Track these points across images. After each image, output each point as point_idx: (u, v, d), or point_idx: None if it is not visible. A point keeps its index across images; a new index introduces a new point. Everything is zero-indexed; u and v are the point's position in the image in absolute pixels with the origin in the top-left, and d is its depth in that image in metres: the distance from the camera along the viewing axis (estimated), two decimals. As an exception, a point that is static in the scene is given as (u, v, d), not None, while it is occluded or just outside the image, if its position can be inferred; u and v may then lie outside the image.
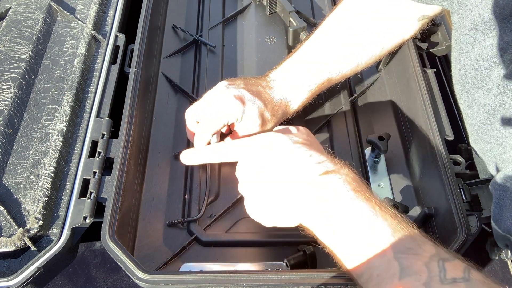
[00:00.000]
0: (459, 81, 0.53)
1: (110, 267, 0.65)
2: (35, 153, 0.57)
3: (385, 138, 0.61)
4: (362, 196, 0.45)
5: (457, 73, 0.53)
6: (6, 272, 0.50)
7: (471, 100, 0.51)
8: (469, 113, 0.52)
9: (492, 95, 0.46)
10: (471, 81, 0.50)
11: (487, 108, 0.47)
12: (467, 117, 0.53)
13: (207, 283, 0.46)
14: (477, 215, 0.52)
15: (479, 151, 0.54)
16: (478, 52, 0.48)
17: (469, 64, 0.50)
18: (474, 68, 0.49)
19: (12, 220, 0.51)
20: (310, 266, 0.54)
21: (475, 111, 0.50)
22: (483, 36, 0.47)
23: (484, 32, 0.47)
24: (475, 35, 0.48)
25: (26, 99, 0.62)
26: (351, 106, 0.72)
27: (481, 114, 0.49)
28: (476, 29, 0.48)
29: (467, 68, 0.50)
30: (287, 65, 0.64)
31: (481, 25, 0.47)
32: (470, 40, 0.49)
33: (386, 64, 0.75)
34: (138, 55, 0.65)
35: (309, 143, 0.50)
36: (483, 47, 0.47)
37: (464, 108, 0.53)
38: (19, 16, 0.71)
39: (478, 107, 0.49)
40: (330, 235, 0.46)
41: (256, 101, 0.58)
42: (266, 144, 0.51)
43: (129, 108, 0.59)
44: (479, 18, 0.47)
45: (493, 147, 0.47)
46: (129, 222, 0.56)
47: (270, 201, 0.48)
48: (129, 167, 0.56)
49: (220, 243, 0.57)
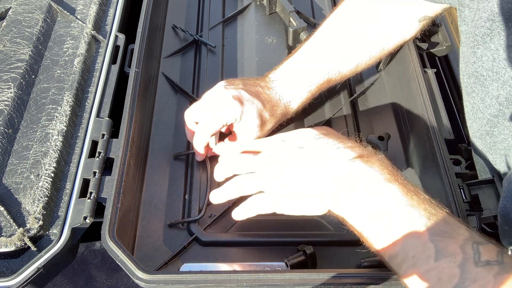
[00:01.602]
0: (473, 74, 0.52)
1: (110, 267, 0.65)
2: (35, 153, 0.57)
3: (385, 138, 0.61)
4: (395, 180, 0.45)
5: (470, 67, 0.53)
6: (6, 272, 0.50)
7: (485, 93, 0.50)
8: (481, 107, 0.51)
9: (508, 86, 0.46)
10: (486, 73, 0.50)
11: (500, 100, 0.47)
12: (478, 111, 0.53)
13: (207, 283, 0.46)
14: (477, 215, 0.52)
15: (484, 147, 0.54)
16: (498, 42, 0.47)
17: (487, 55, 0.49)
18: (492, 59, 0.49)
19: (12, 220, 0.51)
20: (310, 266, 0.54)
21: (487, 104, 0.50)
22: (502, 27, 0.46)
23: (502, 23, 0.46)
24: (492, 26, 0.48)
25: (26, 99, 0.62)
26: (351, 106, 0.72)
27: (493, 107, 0.49)
28: (493, 20, 0.47)
29: (485, 60, 0.50)
30: (287, 65, 0.64)
31: (498, 16, 0.46)
32: (487, 32, 0.48)
33: (386, 64, 0.75)
34: (138, 55, 0.65)
35: (334, 135, 0.51)
36: (504, 36, 0.47)
37: (476, 101, 0.52)
38: (19, 16, 0.71)
39: (491, 100, 0.49)
40: (362, 218, 0.46)
41: (255, 101, 0.58)
42: (296, 136, 0.52)
43: (129, 108, 0.60)
44: (497, 9, 0.47)
45: (505, 138, 0.47)
46: (129, 222, 0.56)
47: (301, 187, 0.48)
48: (129, 167, 0.56)
49: (220, 243, 0.57)
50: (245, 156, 0.55)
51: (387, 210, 0.44)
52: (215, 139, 0.60)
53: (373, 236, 0.45)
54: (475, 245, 0.39)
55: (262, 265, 0.54)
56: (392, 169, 0.47)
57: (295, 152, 0.50)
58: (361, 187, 0.46)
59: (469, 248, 0.39)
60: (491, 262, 0.37)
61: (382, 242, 0.44)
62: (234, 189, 0.54)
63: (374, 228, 0.45)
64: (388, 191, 0.44)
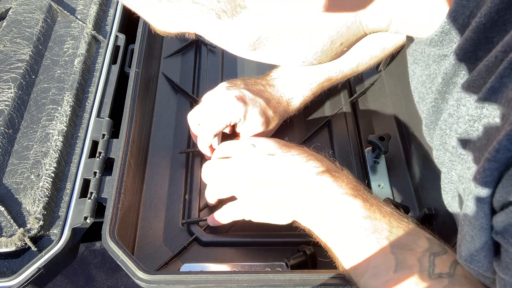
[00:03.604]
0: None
1: (110, 267, 0.65)
2: (35, 153, 0.57)
3: (386, 139, 0.61)
4: (359, 196, 0.46)
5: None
6: (7, 272, 0.50)
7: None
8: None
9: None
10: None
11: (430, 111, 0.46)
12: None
13: (207, 283, 0.46)
14: (477, 216, 0.52)
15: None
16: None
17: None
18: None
19: (13, 220, 0.51)
20: (310, 267, 0.54)
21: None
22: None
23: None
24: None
25: (26, 99, 0.62)
26: (351, 107, 0.72)
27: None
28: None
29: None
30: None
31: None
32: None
33: (386, 64, 0.75)
34: (138, 55, 0.65)
35: (304, 150, 0.53)
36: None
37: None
38: (19, 16, 0.71)
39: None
40: (327, 231, 0.47)
41: (258, 100, 0.59)
42: (267, 143, 0.53)
43: (129, 108, 0.60)
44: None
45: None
46: (129, 222, 0.56)
47: (267, 197, 0.50)
48: (130, 167, 0.56)
49: (220, 243, 0.57)
50: (218, 162, 0.56)
51: (350, 224, 0.45)
52: (218, 139, 0.60)
53: (336, 248, 0.46)
54: (432, 257, 0.41)
55: (262, 265, 0.55)
56: (356, 184, 0.48)
57: (264, 159, 0.51)
58: (326, 201, 0.47)
59: (426, 261, 0.41)
60: (443, 275, 0.40)
61: (345, 254, 0.46)
62: (210, 196, 0.57)
63: (337, 241, 0.46)
64: (351, 206, 0.46)
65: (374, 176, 0.64)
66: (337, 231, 0.46)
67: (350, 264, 0.45)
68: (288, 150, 0.52)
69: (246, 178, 0.51)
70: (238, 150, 0.54)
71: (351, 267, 0.45)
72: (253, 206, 0.52)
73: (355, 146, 0.67)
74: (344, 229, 0.46)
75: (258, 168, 0.51)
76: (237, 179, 0.52)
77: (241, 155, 0.53)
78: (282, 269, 0.53)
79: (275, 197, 0.50)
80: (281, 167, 0.50)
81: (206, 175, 0.57)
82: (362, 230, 0.44)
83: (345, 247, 0.46)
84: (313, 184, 0.48)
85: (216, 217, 0.55)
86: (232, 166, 0.53)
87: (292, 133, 0.68)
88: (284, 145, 0.53)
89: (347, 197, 0.46)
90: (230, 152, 0.55)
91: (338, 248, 0.46)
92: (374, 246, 0.43)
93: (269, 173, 0.50)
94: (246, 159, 0.52)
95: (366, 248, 0.44)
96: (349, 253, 0.45)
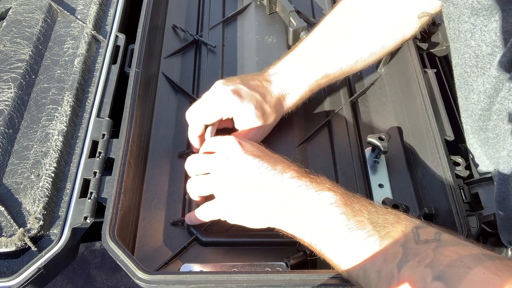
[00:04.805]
0: (460, 75, 0.53)
1: (110, 267, 0.65)
2: (35, 153, 0.57)
3: (386, 139, 0.61)
4: (337, 192, 0.47)
5: (458, 66, 0.53)
6: (7, 272, 0.50)
7: (469, 90, 0.50)
8: (471, 103, 0.51)
9: (493, 78, 0.47)
10: (470, 70, 0.50)
11: (489, 93, 0.47)
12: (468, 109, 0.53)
13: (207, 283, 0.46)
14: (477, 216, 0.52)
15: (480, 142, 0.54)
16: (480, 38, 0.47)
17: (469, 52, 0.49)
18: (475, 55, 0.49)
19: (13, 220, 0.51)
20: (310, 267, 0.54)
21: (475, 100, 0.50)
22: (485, 22, 0.47)
23: (486, 17, 0.46)
24: (475, 22, 0.48)
25: (26, 99, 0.62)
26: (351, 106, 0.72)
27: (483, 102, 0.49)
28: (478, 15, 0.47)
29: (467, 57, 0.50)
30: (286, 60, 0.65)
31: (482, 11, 0.47)
32: (469, 28, 0.48)
33: (386, 64, 0.75)
34: (138, 55, 0.65)
35: (283, 158, 0.53)
36: (485, 32, 0.47)
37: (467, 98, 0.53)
38: (19, 16, 0.71)
39: (479, 95, 0.49)
40: (298, 230, 0.48)
41: (254, 94, 0.59)
42: (251, 144, 0.53)
43: (129, 108, 0.60)
44: (478, 5, 0.47)
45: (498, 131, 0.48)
46: (129, 222, 0.56)
47: (244, 202, 0.50)
48: (130, 167, 0.56)
49: (220, 243, 0.57)
50: (202, 156, 0.55)
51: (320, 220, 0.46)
52: (211, 132, 0.60)
53: (315, 238, 0.47)
54: (415, 229, 0.42)
55: (262, 265, 0.55)
56: (333, 184, 0.49)
57: (248, 160, 0.50)
58: (295, 202, 0.47)
59: (410, 232, 0.42)
60: (430, 240, 0.40)
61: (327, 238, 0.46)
62: (192, 192, 0.56)
63: (312, 238, 0.47)
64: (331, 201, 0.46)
65: (374, 176, 0.64)
66: (306, 231, 0.47)
67: (344, 266, 0.45)
68: (271, 156, 0.51)
69: (224, 177, 0.50)
70: (223, 146, 0.52)
71: (346, 270, 0.45)
72: (229, 206, 0.51)
73: (355, 146, 0.67)
74: (315, 228, 0.46)
75: (237, 168, 0.50)
76: (216, 177, 0.51)
77: (224, 152, 0.51)
78: (282, 269, 0.53)
79: (252, 200, 0.49)
80: (263, 171, 0.49)
81: (188, 168, 0.56)
82: (343, 218, 0.45)
83: (324, 240, 0.46)
84: (290, 193, 0.48)
85: (196, 215, 0.54)
86: (213, 162, 0.52)
87: (292, 133, 0.68)
88: (268, 151, 0.53)
89: (326, 192, 0.47)
90: (214, 147, 0.54)
91: (316, 238, 0.47)
92: (356, 228, 0.44)
93: (247, 174, 0.49)
94: (226, 156, 0.51)
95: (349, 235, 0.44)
96: (335, 249, 0.46)
